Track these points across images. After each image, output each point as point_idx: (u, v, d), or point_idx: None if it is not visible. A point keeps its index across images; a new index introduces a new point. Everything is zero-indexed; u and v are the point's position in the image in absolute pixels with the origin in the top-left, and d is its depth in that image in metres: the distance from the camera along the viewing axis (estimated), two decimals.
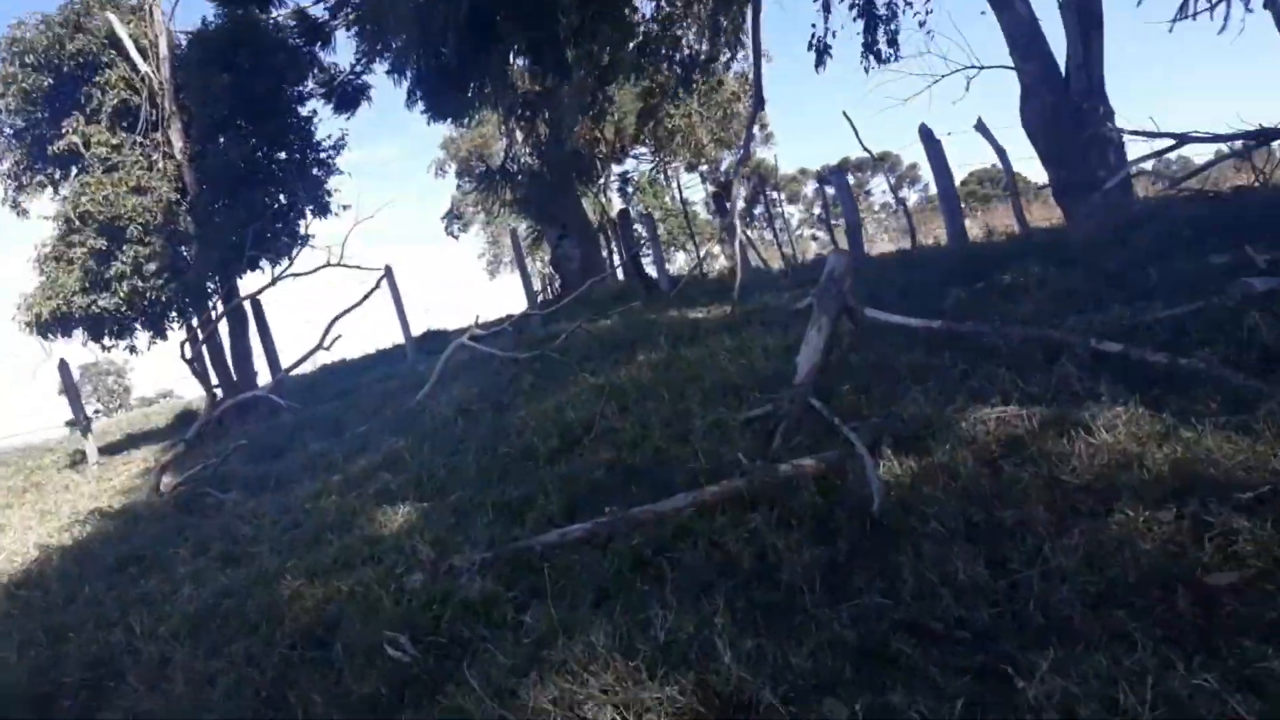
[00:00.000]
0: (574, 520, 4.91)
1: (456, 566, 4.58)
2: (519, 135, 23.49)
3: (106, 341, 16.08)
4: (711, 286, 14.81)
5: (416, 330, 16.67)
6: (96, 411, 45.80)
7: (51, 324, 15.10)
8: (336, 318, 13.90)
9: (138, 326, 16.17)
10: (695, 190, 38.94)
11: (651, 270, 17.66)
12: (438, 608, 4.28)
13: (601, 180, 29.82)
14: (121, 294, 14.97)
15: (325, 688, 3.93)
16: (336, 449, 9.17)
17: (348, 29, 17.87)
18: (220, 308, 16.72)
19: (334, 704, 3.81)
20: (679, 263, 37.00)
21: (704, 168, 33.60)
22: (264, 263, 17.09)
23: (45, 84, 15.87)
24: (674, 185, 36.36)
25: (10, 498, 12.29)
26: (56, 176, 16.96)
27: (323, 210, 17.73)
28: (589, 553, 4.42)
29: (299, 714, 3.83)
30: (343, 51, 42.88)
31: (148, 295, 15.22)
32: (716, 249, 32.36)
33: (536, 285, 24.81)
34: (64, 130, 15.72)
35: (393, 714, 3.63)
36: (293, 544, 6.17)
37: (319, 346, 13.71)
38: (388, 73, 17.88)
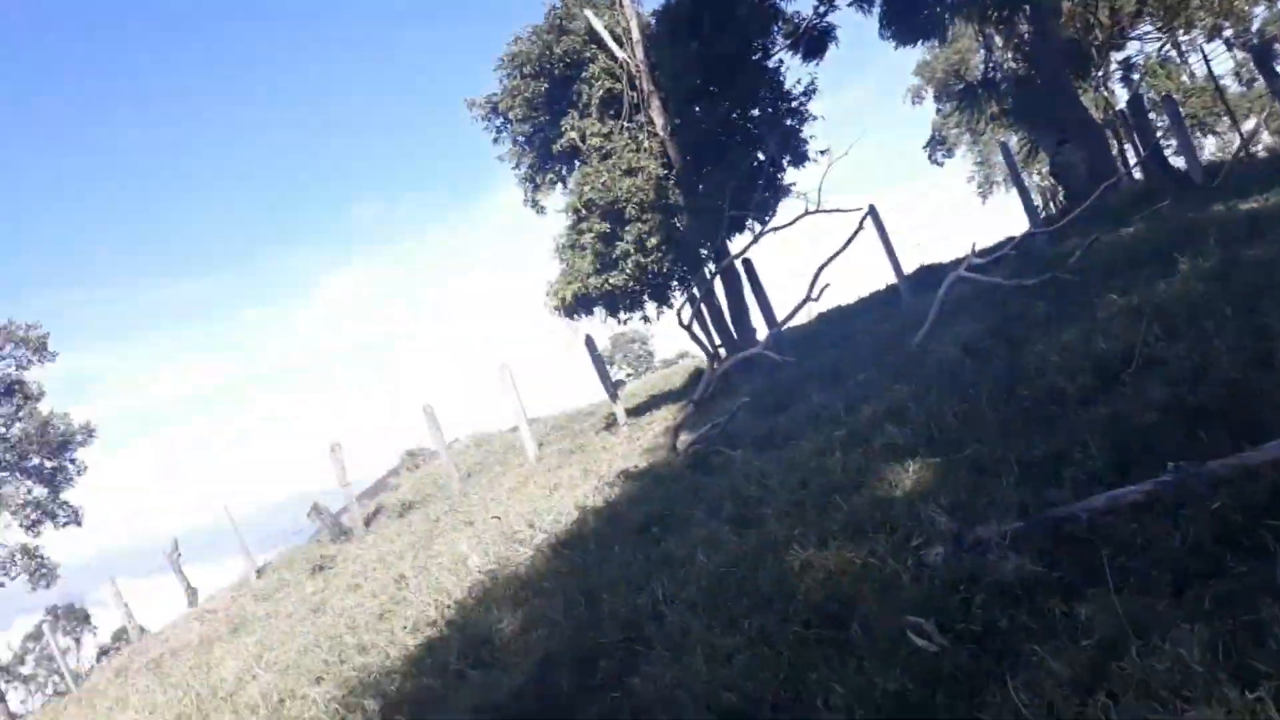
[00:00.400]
0: (1125, 479, 3.98)
1: (983, 539, 3.91)
2: (998, 40, 21.46)
3: (621, 316, 17.85)
4: (1262, 169, 12.16)
5: (907, 268, 15.90)
6: (629, 375, 51.84)
7: (574, 305, 16.97)
8: (822, 266, 13.84)
9: (646, 298, 17.66)
10: (1221, 62, 32.80)
11: (1178, 162, 14.94)
12: (965, 589, 3.71)
13: (1100, 72, 26.28)
14: (628, 271, 16.28)
15: (844, 675, 3.57)
16: (837, 400, 8.87)
17: None
18: (713, 270, 17.50)
19: (855, 695, 3.44)
20: (1209, 149, 31.70)
21: (1229, 32, 28.20)
22: (749, 222, 17.60)
23: (542, 89, 18.17)
24: (1191, 61, 31.05)
25: (561, 459, 14.07)
26: (563, 172, 19.34)
27: (800, 159, 17.89)
28: (1152, 522, 3.53)
29: (819, 703, 3.50)
30: None
31: (649, 269, 16.43)
32: (1261, 124, 27.11)
33: (1037, 201, 22.59)
34: (563, 129, 17.81)
35: (922, 715, 3.10)
36: (799, 506, 5.92)
37: (807, 298, 13.72)
38: (849, 3, 17.38)
